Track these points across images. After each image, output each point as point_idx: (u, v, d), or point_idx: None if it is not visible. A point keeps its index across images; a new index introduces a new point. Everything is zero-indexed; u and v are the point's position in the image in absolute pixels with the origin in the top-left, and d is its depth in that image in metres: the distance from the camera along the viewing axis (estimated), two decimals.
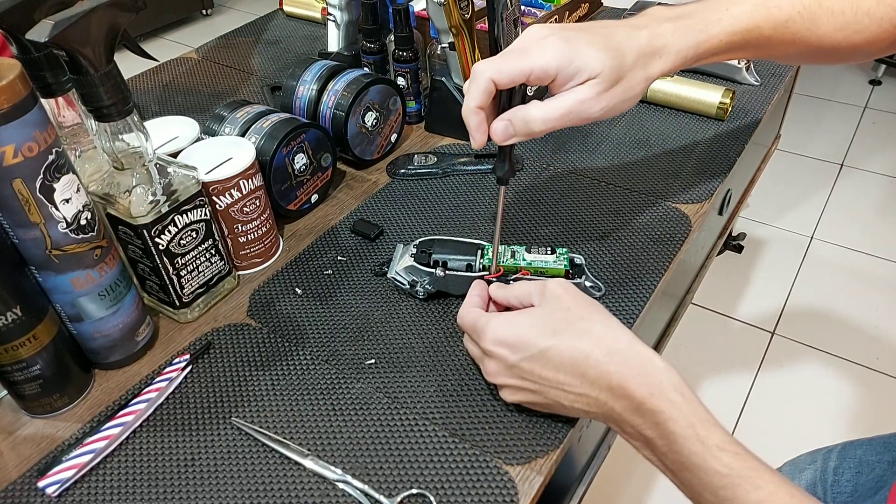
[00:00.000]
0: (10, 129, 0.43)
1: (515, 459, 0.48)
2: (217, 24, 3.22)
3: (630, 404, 0.43)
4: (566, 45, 0.45)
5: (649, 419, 0.42)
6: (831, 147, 2.12)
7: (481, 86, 0.46)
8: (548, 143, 0.84)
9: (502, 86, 0.46)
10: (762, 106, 0.89)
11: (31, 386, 0.51)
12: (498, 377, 0.49)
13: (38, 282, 0.50)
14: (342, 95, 0.75)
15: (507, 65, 0.45)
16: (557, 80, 0.46)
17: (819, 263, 1.70)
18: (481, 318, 0.50)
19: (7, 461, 0.51)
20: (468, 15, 0.77)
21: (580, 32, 0.47)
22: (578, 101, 0.46)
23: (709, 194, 0.74)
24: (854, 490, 0.64)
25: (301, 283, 0.65)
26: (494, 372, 0.49)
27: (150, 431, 0.52)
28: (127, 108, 0.50)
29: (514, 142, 0.49)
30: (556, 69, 0.45)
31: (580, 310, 0.48)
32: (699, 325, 1.55)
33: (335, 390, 0.54)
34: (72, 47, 0.45)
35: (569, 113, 0.47)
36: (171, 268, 0.57)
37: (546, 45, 0.45)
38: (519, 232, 0.70)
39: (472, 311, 0.51)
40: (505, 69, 0.45)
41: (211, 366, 0.57)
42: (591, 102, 0.46)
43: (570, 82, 0.46)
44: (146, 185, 0.53)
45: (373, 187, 0.78)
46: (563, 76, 0.46)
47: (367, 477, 0.48)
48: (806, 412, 1.35)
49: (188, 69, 1.06)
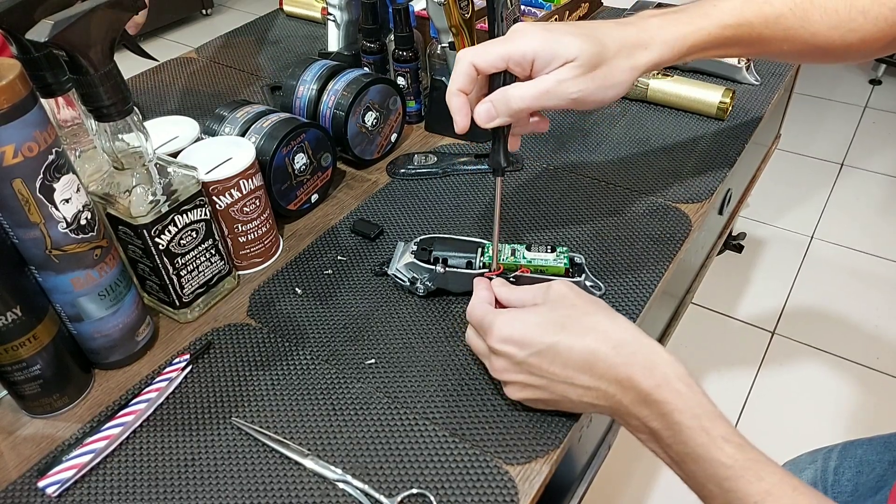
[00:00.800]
0: (10, 129, 0.43)
1: (515, 459, 0.48)
2: (217, 24, 3.22)
3: (637, 396, 0.43)
4: (546, 33, 0.48)
5: (655, 410, 0.42)
6: (831, 147, 2.12)
7: (462, 70, 0.49)
8: (548, 143, 0.84)
9: (483, 70, 0.49)
10: (762, 106, 0.89)
11: (31, 386, 0.51)
12: (505, 374, 0.49)
13: (38, 282, 0.50)
14: (342, 95, 0.75)
15: (487, 49, 0.48)
16: (536, 64, 0.48)
17: (819, 263, 1.70)
18: (488, 314, 0.50)
19: (7, 461, 0.51)
20: (468, 15, 0.77)
21: (563, 25, 0.49)
22: (556, 80, 0.48)
23: (709, 194, 0.74)
24: (854, 489, 0.64)
25: (301, 282, 0.65)
26: (501, 369, 0.49)
27: (150, 431, 0.52)
28: (127, 108, 0.50)
29: (498, 123, 0.50)
30: (533, 53, 0.47)
31: (586, 306, 0.48)
32: (699, 325, 1.55)
33: (335, 390, 0.54)
34: (72, 47, 0.45)
35: (546, 92, 0.48)
36: (171, 268, 0.57)
37: (526, 32, 0.48)
38: (519, 231, 0.70)
39: (481, 307, 0.51)
40: (484, 53, 0.48)
41: (211, 366, 0.57)
42: (568, 83, 0.48)
43: (548, 67, 0.48)
44: (146, 185, 0.53)
45: (373, 187, 0.78)
46: (541, 61, 0.48)
47: (367, 477, 0.48)
48: (806, 412, 1.35)
49: (188, 69, 1.06)
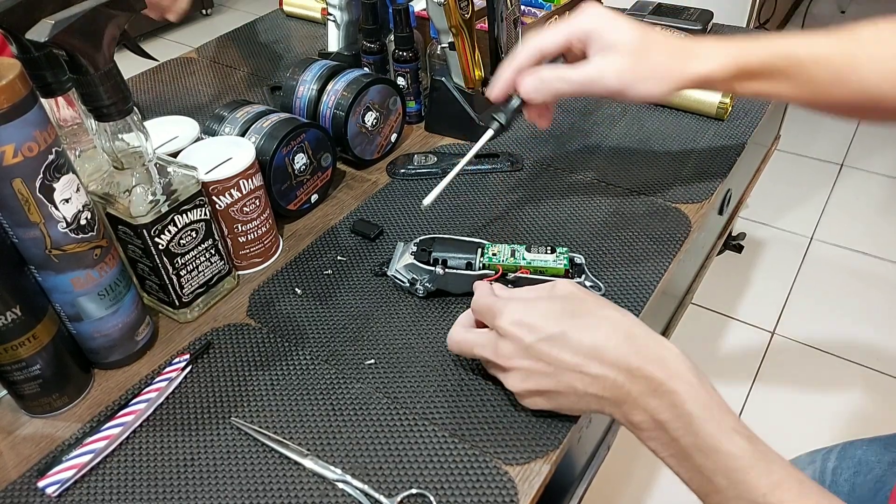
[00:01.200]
0: (10, 129, 0.43)
1: (515, 459, 0.48)
2: (217, 24, 3.22)
3: (648, 386, 0.43)
4: (606, 14, 0.54)
5: (667, 400, 0.42)
6: (831, 147, 2.12)
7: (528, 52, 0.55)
8: (548, 143, 0.84)
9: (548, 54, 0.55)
10: (762, 106, 0.89)
11: (31, 386, 0.51)
12: (512, 360, 0.47)
13: (37, 281, 0.50)
14: (342, 95, 0.75)
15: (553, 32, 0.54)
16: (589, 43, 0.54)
17: (819, 263, 1.70)
18: (498, 301, 0.49)
19: (7, 461, 0.51)
20: (468, 15, 0.77)
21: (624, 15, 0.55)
22: (598, 70, 0.54)
23: (709, 194, 0.74)
24: (852, 490, 0.63)
25: (301, 283, 0.65)
26: (508, 354, 0.47)
27: (150, 431, 0.52)
28: (127, 108, 0.50)
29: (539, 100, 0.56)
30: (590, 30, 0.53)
31: (595, 300, 0.48)
32: (699, 325, 1.55)
33: (335, 390, 0.54)
34: (71, 47, 0.45)
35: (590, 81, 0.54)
36: (170, 268, 0.57)
37: (589, 11, 0.54)
38: (519, 231, 0.70)
39: (489, 297, 0.51)
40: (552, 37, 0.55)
41: (211, 366, 0.57)
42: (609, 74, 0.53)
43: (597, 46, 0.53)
44: (146, 185, 0.53)
45: (373, 187, 0.78)
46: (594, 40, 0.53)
47: (367, 477, 0.48)
48: (805, 412, 1.35)
49: (188, 69, 1.06)
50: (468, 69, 0.81)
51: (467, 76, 0.81)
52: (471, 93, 0.82)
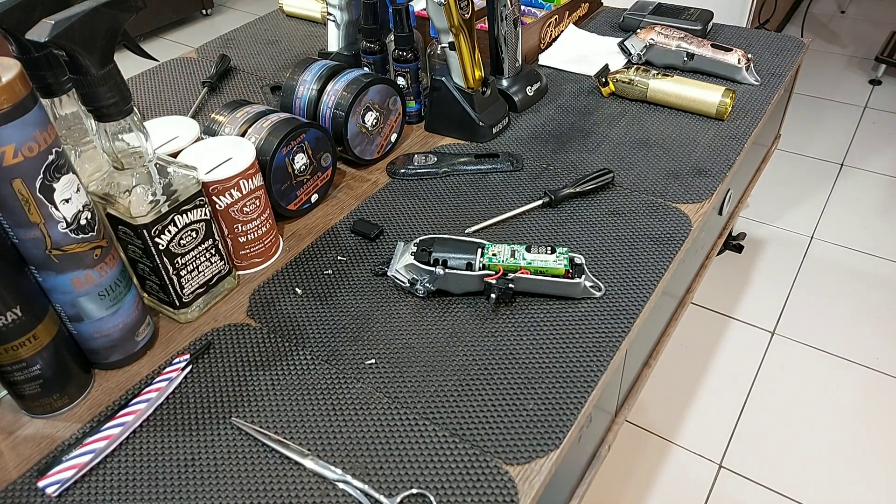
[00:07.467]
0: (10, 129, 0.43)
1: (515, 459, 0.48)
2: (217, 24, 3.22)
3: None
4: None
5: None
6: (831, 147, 2.12)
7: None
8: (548, 143, 0.84)
9: None
10: (762, 106, 0.89)
11: (31, 386, 0.51)
12: None
13: (38, 282, 0.50)
14: (342, 95, 0.75)
15: None
16: None
17: (819, 263, 1.70)
18: None
19: (7, 461, 0.51)
20: (468, 15, 0.77)
21: None
22: None
23: (709, 194, 0.74)
24: None
25: (301, 283, 0.65)
26: None
27: (150, 431, 0.52)
28: (127, 108, 0.50)
29: None
30: None
31: None
32: (699, 325, 1.55)
33: (335, 390, 0.54)
34: (72, 47, 0.45)
35: None
36: (171, 268, 0.57)
37: None
38: (519, 231, 0.70)
39: None
40: None
41: (211, 366, 0.57)
42: None
43: None
44: (146, 185, 0.53)
45: (373, 187, 0.78)
46: None
47: (367, 477, 0.48)
48: (806, 412, 1.35)
49: (188, 69, 1.05)
50: (468, 69, 0.81)
51: (467, 76, 0.81)
52: (471, 93, 0.82)
